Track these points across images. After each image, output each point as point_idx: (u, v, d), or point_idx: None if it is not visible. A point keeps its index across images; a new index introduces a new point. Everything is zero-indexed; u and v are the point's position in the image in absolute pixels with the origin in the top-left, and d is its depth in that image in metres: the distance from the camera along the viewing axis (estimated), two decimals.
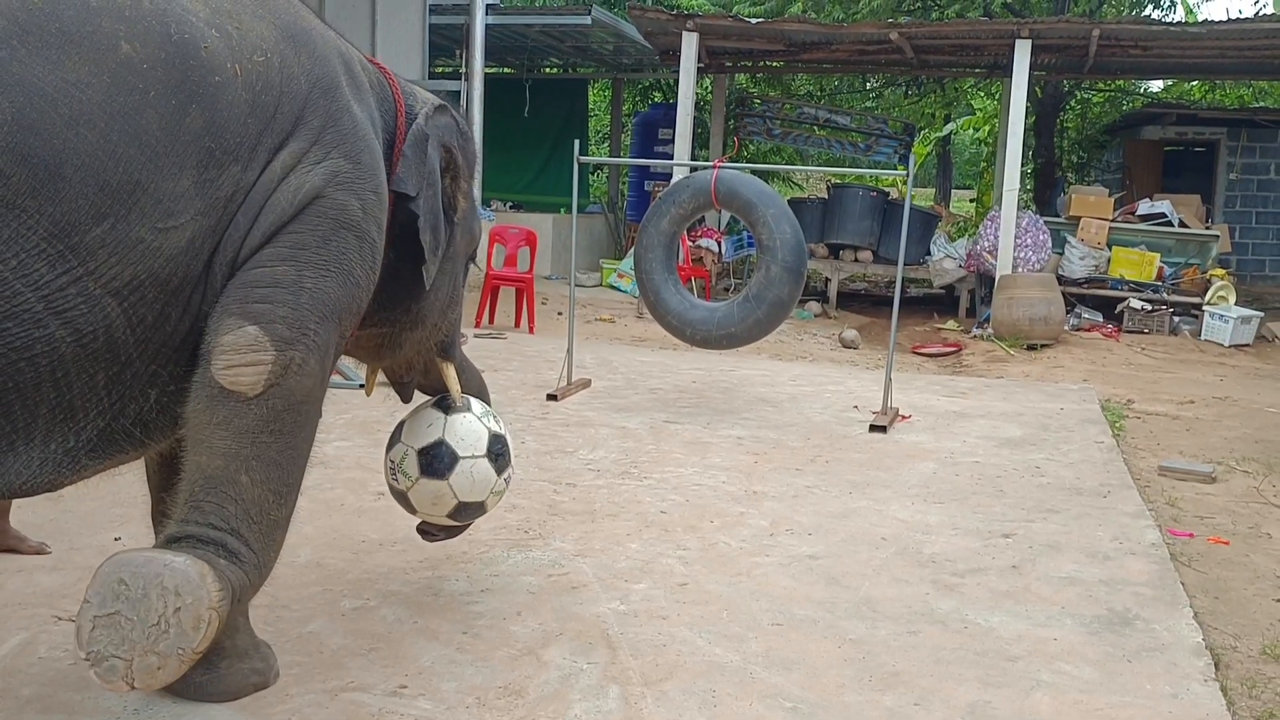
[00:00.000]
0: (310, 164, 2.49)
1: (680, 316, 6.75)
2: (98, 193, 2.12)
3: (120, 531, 4.01)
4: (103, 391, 2.27)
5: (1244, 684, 3.26)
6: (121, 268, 2.18)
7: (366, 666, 3.05)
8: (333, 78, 2.61)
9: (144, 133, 2.19)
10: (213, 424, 2.37)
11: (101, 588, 2.20)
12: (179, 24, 2.29)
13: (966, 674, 3.20)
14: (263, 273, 2.41)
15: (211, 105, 2.30)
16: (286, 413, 2.44)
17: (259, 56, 2.42)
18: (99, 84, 2.14)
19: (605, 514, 4.53)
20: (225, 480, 2.38)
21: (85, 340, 2.17)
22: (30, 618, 3.25)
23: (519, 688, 2.97)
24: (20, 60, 2.06)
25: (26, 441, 2.19)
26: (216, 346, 2.36)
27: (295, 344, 2.43)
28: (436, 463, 3.26)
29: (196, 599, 2.20)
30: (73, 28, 2.13)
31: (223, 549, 2.35)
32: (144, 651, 2.19)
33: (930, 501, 4.93)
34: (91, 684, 2.80)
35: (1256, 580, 4.24)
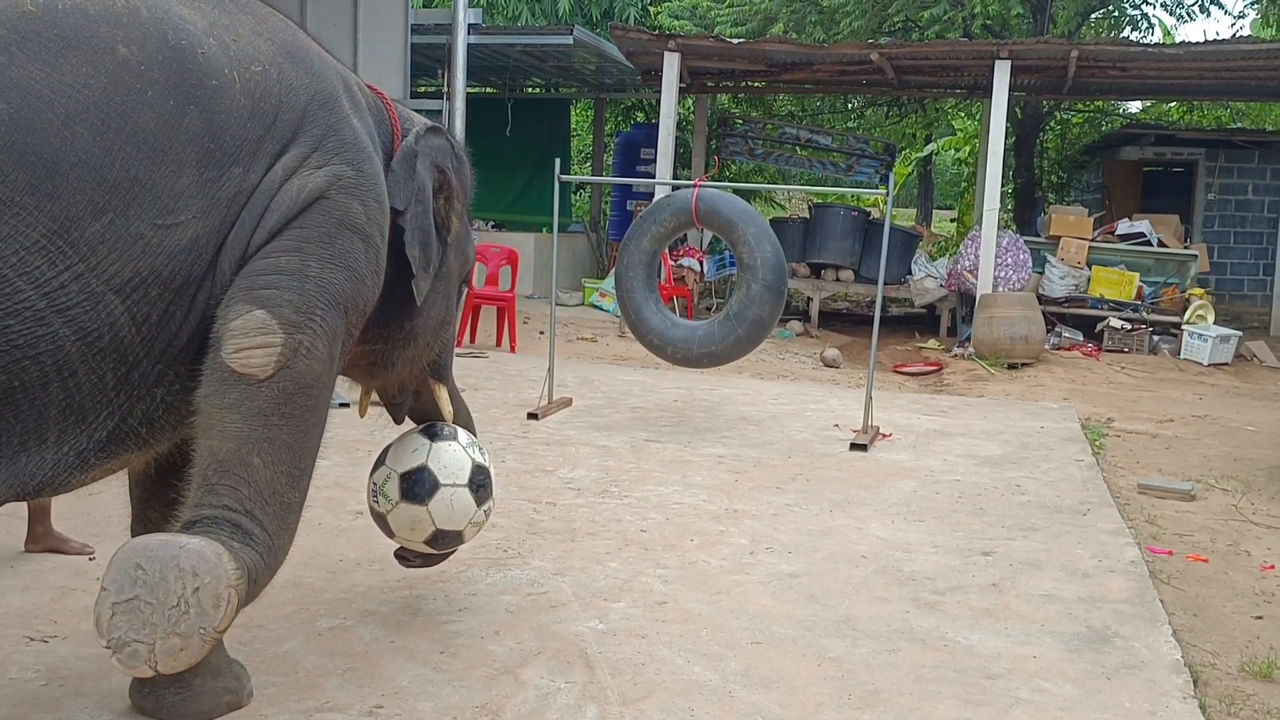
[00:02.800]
0: (312, 168, 2.53)
1: (661, 335, 6.75)
2: (95, 188, 2.14)
3: (95, 550, 3.97)
4: (112, 392, 2.27)
5: (1222, 701, 3.26)
6: (123, 264, 2.19)
7: (342, 686, 3.02)
8: (331, 92, 2.65)
9: (141, 131, 2.21)
10: (224, 407, 2.38)
11: (118, 574, 2.21)
12: (176, 31, 2.33)
13: (946, 692, 3.19)
14: (268, 262, 2.44)
15: (209, 107, 2.33)
16: (297, 395, 2.46)
17: (256, 67, 2.46)
18: (96, 84, 2.17)
19: (585, 533, 4.51)
20: (238, 462, 2.38)
21: (90, 339, 2.17)
22: (1, 638, 3.22)
23: (496, 707, 2.95)
24: (18, 64, 2.09)
25: (39, 442, 2.19)
26: (226, 331, 2.38)
27: (303, 328, 2.45)
28: (418, 488, 3.26)
29: (214, 578, 2.21)
30: (70, 33, 2.17)
31: (237, 530, 2.35)
32: (166, 634, 2.20)
33: (910, 520, 4.93)
34: (64, 704, 2.80)
35: (1235, 597, 4.24)
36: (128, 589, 2.19)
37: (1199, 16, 18.44)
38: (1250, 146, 15.72)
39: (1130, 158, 16.23)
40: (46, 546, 3.89)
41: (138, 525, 2.90)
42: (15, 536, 3.93)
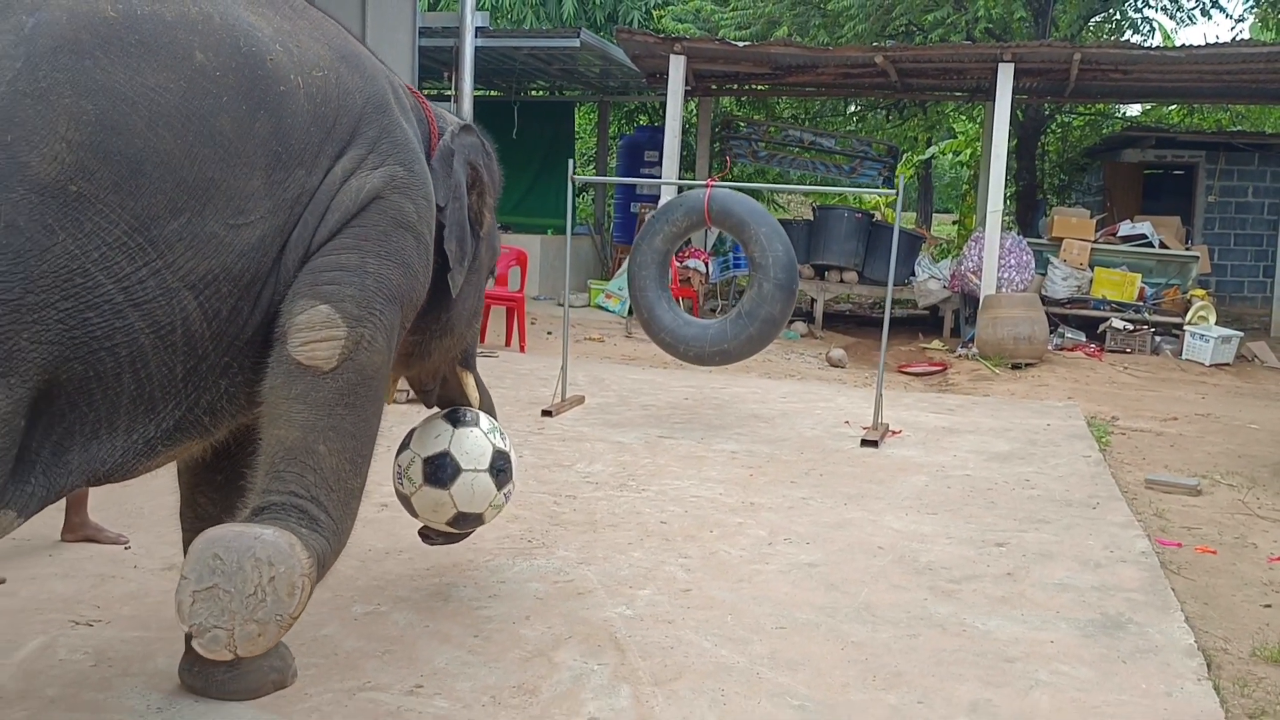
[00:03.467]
0: (368, 169, 2.62)
1: (674, 333, 6.83)
2: (175, 189, 2.22)
3: (129, 540, 4.05)
4: (180, 383, 2.35)
5: (1235, 683, 3.35)
6: (197, 261, 2.27)
7: (381, 668, 3.11)
8: (383, 96, 2.74)
9: (217, 134, 2.29)
10: (290, 398, 2.46)
11: (197, 564, 2.28)
12: (247, 38, 2.41)
13: (967, 674, 3.28)
14: (330, 260, 2.53)
15: (278, 112, 2.42)
16: (359, 386, 2.55)
17: (318, 72, 2.54)
18: (176, 89, 2.25)
19: (606, 524, 4.60)
20: (304, 450, 2.47)
21: (163, 332, 2.25)
22: (47, 622, 3.30)
23: (532, 687, 3.04)
24: (103, 68, 2.17)
25: (110, 430, 2.27)
26: (292, 326, 2.46)
27: (364, 321, 2.54)
28: (440, 472, 3.36)
29: (289, 567, 2.28)
30: (150, 38, 2.25)
31: (304, 515, 2.43)
32: (244, 620, 2.27)
33: (924, 512, 5.02)
34: (114, 684, 2.88)
35: (1244, 587, 4.33)
36: (207, 578, 2.27)
37: (1199, 20, 18.55)
38: (1250, 149, 15.81)
39: (1131, 160, 16.32)
40: (83, 536, 3.98)
41: (187, 509, 2.98)
42: (52, 526, 4.01)
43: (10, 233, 2.02)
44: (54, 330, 2.10)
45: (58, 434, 2.22)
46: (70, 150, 2.10)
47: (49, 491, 2.24)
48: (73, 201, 2.10)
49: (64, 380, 2.16)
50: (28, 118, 2.07)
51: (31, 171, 2.06)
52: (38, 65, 2.12)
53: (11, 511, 2.18)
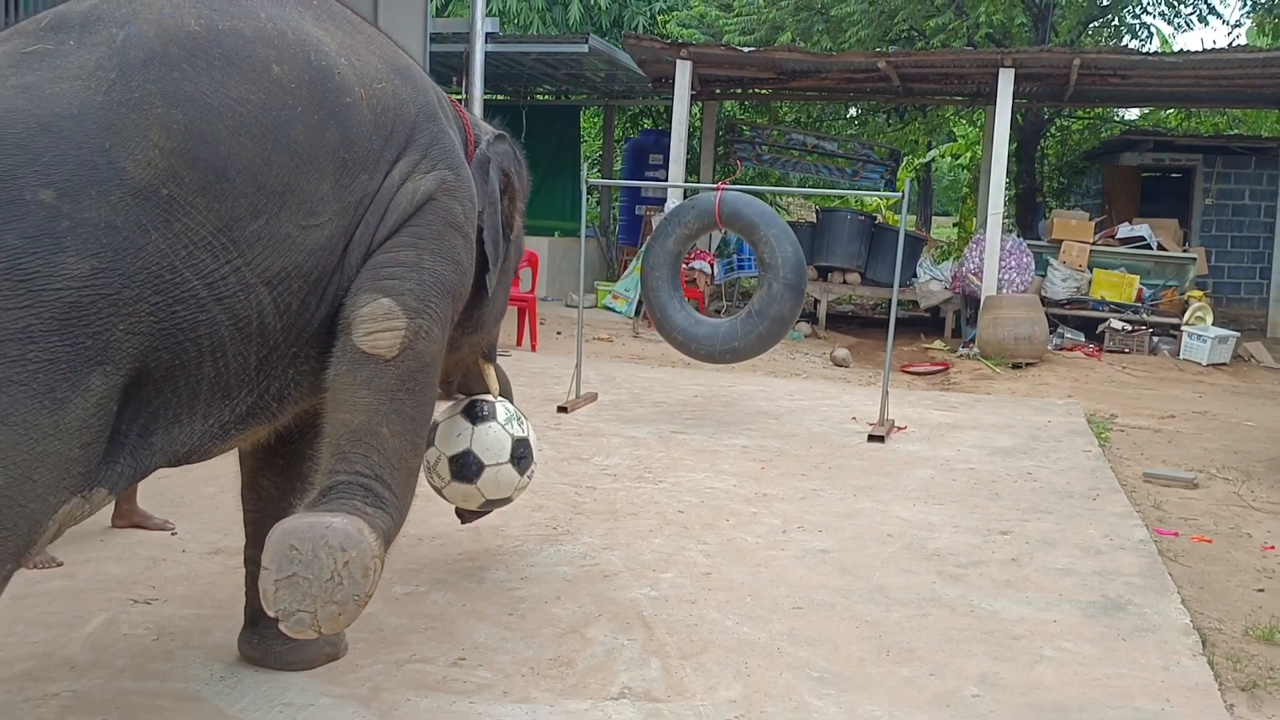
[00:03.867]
0: (422, 173, 2.81)
1: (685, 332, 7.03)
2: (255, 193, 2.41)
3: (175, 526, 4.26)
4: (253, 371, 2.54)
5: (1229, 660, 3.55)
6: (273, 260, 2.46)
7: (426, 642, 3.31)
8: (432, 105, 2.94)
9: (293, 142, 2.48)
10: (355, 384, 2.65)
11: (276, 555, 2.45)
12: (316, 52, 2.60)
13: (976, 650, 3.47)
14: (389, 256, 2.72)
15: (345, 121, 2.61)
16: (418, 373, 2.74)
17: (378, 84, 2.73)
18: (256, 100, 2.43)
19: (626, 513, 4.79)
20: (368, 432, 2.65)
21: (241, 324, 2.44)
22: (108, 600, 3.50)
23: (567, 660, 3.24)
24: (190, 80, 2.35)
25: (190, 415, 2.45)
26: (356, 318, 2.65)
27: (422, 313, 2.73)
28: (465, 470, 3.64)
29: (361, 551, 2.46)
30: (231, 52, 2.44)
31: (369, 494, 2.61)
32: (324, 603, 2.44)
33: (930, 503, 5.22)
34: (177, 655, 3.08)
35: (1238, 573, 4.53)
36: (286, 567, 2.44)
37: (1196, 26, 18.75)
38: (1247, 153, 16.01)
39: (1129, 163, 16.52)
40: (131, 522, 4.17)
41: (249, 491, 3.17)
42: (103, 513, 4.20)
43: (110, 232, 2.21)
44: (145, 322, 2.29)
45: (144, 418, 2.41)
46: (162, 156, 2.29)
47: (135, 471, 2.43)
48: (164, 204, 2.29)
49: (152, 368, 2.35)
50: (124, 126, 2.26)
51: (128, 176, 2.25)
52: (130, 76, 2.31)
53: (103, 489, 2.37)
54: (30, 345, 2.12)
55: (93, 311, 2.18)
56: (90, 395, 2.21)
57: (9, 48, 2.35)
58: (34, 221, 2.13)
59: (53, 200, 2.16)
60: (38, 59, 2.31)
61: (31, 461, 2.15)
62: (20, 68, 2.29)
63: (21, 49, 2.34)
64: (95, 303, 2.19)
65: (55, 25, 2.39)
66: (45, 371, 2.14)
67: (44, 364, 2.14)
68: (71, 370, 2.17)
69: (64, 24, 2.39)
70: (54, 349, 2.15)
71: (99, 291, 2.19)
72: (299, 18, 2.67)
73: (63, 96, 2.25)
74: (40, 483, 2.18)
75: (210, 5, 2.51)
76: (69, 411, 2.18)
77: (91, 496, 2.35)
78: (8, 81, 2.26)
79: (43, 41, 2.35)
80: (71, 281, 2.16)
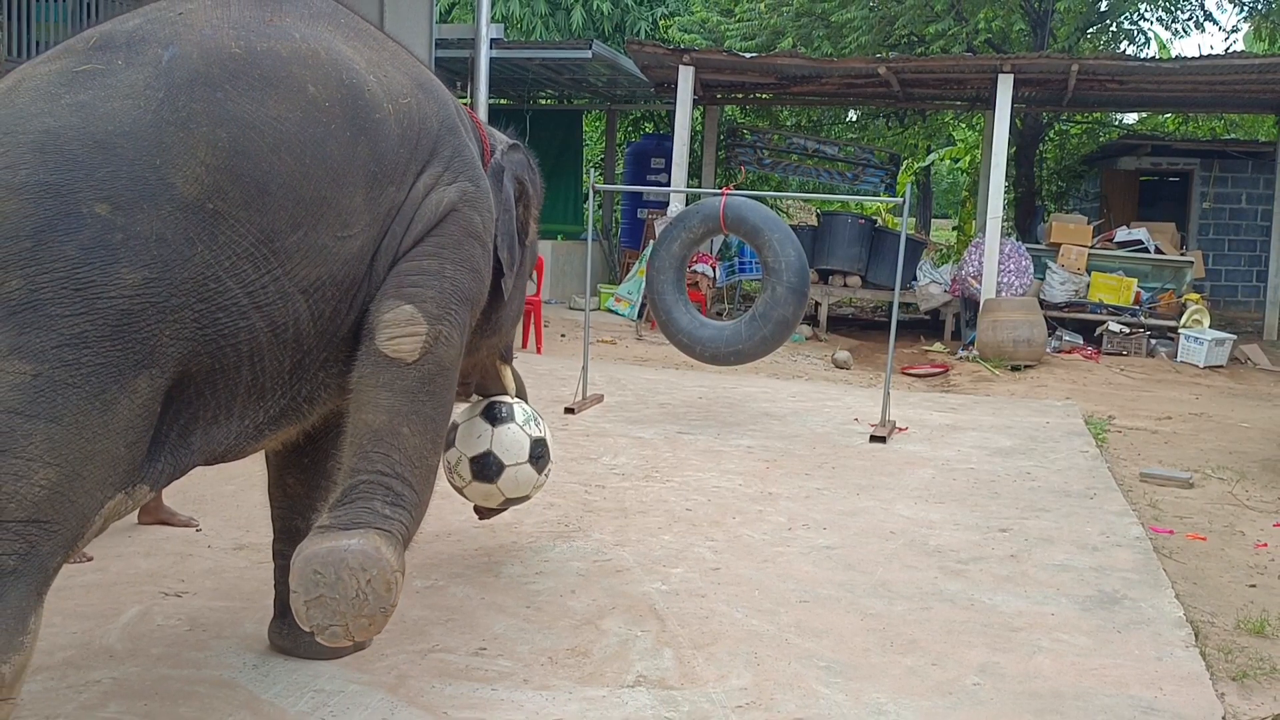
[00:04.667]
0: (444, 184, 2.94)
1: (691, 334, 7.16)
2: (294, 206, 2.54)
3: (199, 523, 4.39)
4: (287, 375, 2.67)
5: (1221, 651, 3.68)
6: (310, 269, 2.59)
7: (447, 633, 3.44)
8: (453, 119, 3.07)
9: (328, 158, 2.61)
10: (377, 386, 2.78)
11: (302, 579, 2.59)
12: (348, 71, 2.73)
13: (976, 641, 3.60)
14: (413, 265, 2.85)
15: (374, 137, 2.74)
16: (438, 376, 2.87)
17: (404, 99, 2.86)
18: (293, 118, 2.56)
19: (636, 511, 4.92)
20: (389, 432, 2.78)
21: (278, 331, 2.56)
22: (140, 593, 3.63)
23: (584, 650, 3.37)
24: (233, 99, 2.48)
25: (228, 416, 2.58)
26: (380, 323, 2.78)
27: (442, 319, 2.86)
28: (486, 470, 3.79)
29: (380, 569, 2.60)
30: (269, 72, 2.57)
31: (390, 492, 2.74)
32: (354, 617, 2.59)
33: (931, 502, 5.35)
34: (210, 645, 3.21)
35: (1231, 570, 4.66)
36: (313, 590, 2.59)
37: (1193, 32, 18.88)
38: (1243, 157, 16.15)
39: (1127, 167, 16.66)
40: (157, 519, 4.31)
41: (275, 489, 3.30)
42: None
43: (160, 244, 2.34)
44: (190, 328, 2.41)
45: (184, 418, 2.53)
46: (208, 172, 2.42)
47: (175, 469, 2.56)
48: (210, 217, 2.42)
49: (194, 372, 2.48)
50: (173, 143, 2.39)
51: (177, 191, 2.38)
52: (177, 96, 2.44)
53: (146, 486, 2.50)
54: (85, 350, 2.25)
55: (143, 319, 2.31)
56: (137, 397, 2.34)
57: (59, 66, 2.48)
58: (91, 234, 2.26)
59: (108, 214, 2.29)
60: (89, 78, 2.43)
61: (82, 459, 2.27)
62: (73, 86, 2.41)
63: (73, 68, 2.46)
64: (145, 310, 2.31)
65: (102, 45, 2.51)
66: (97, 375, 2.27)
67: (96, 367, 2.26)
68: (121, 373, 2.30)
69: (110, 44, 2.51)
70: (106, 353, 2.27)
71: (149, 300, 2.32)
72: (330, 37, 2.80)
73: (115, 115, 2.38)
74: (89, 479, 2.30)
75: (248, 27, 2.64)
76: (117, 412, 2.31)
77: (135, 492, 2.48)
78: (61, 100, 2.38)
79: (92, 61, 2.47)
80: (124, 290, 2.28)
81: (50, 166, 2.28)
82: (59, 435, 2.23)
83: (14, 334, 2.21)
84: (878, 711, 3.06)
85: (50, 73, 2.45)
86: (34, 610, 2.27)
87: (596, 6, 18.21)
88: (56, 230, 2.24)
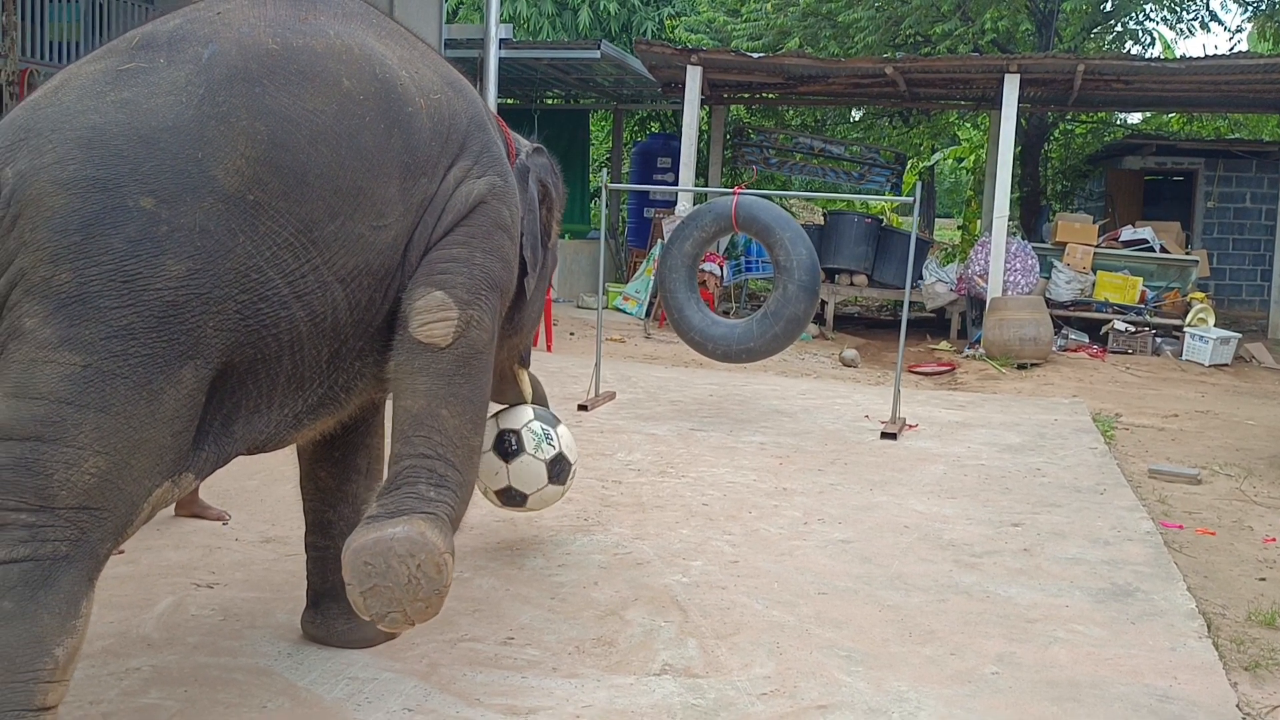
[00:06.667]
0: (474, 177, 3.01)
1: (703, 333, 7.23)
2: (332, 197, 2.61)
3: (230, 516, 4.46)
4: (325, 364, 2.73)
5: (1233, 642, 3.75)
6: (347, 259, 2.66)
7: (475, 623, 3.51)
8: (482, 116, 3.15)
9: (363, 149, 2.68)
10: (414, 372, 2.85)
11: (354, 571, 2.67)
12: (381, 66, 2.80)
13: (993, 632, 3.67)
14: (444, 253, 2.92)
15: (407, 129, 2.81)
16: (472, 359, 2.94)
17: (434, 95, 2.93)
18: (329, 111, 2.63)
19: (653, 506, 4.99)
20: (429, 415, 2.85)
21: (317, 320, 2.63)
22: (172, 585, 3.70)
23: (610, 639, 3.44)
24: (270, 94, 2.55)
25: (268, 406, 2.65)
26: (412, 310, 2.85)
27: (473, 304, 2.93)
28: (512, 499, 4.00)
29: (428, 553, 2.67)
30: (305, 67, 2.64)
31: (434, 474, 2.81)
32: (410, 601, 2.67)
33: (944, 497, 5.41)
34: (244, 635, 3.28)
35: (1241, 564, 4.72)
36: (366, 580, 2.66)
37: (1198, 32, 18.95)
38: (1248, 156, 16.21)
39: (1132, 167, 16.71)
40: (190, 512, 4.38)
41: (307, 482, 3.36)
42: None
43: (203, 236, 2.41)
44: (233, 319, 2.48)
45: (227, 408, 2.60)
46: (248, 164, 2.49)
47: (218, 458, 2.63)
48: (250, 209, 2.49)
49: (236, 362, 2.55)
50: (214, 137, 2.46)
51: (218, 184, 2.44)
52: (217, 91, 2.51)
53: (190, 474, 2.57)
54: (132, 341, 2.32)
55: (187, 310, 2.38)
56: (182, 387, 2.41)
57: (104, 65, 2.55)
58: (137, 226, 2.33)
59: (153, 207, 2.36)
60: (132, 76, 2.50)
61: (131, 448, 2.34)
62: (119, 84, 2.48)
63: (117, 67, 2.53)
64: (190, 301, 2.38)
65: (144, 45, 2.58)
66: (144, 365, 2.34)
67: (143, 358, 2.33)
68: (167, 364, 2.37)
69: (152, 43, 2.58)
70: (152, 344, 2.34)
71: (193, 291, 2.38)
72: (363, 34, 2.87)
73: (158, 110, 2.44)
74: (137, 467, 2.37)
75: (284, 24, 2.71)
76: (164, 402, 2.38)
77: (180, 481, 2.55)
78: (107, 97, 2.45)
79: (136, 60, 2.54)
80: (170, 282, 2.35)
81: (97, 161, 2.34)
82: (108, 425, 2.30)
83: (65, 326, 2.28)
84: (899, 699, 3.13)
85: (95, 72, 2.52)
86: (85, 595, 2.35)
87: (603, 6, 18.29)
88: (104, 224, 2.31)
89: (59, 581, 2.29)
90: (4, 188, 2.32)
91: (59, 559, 2.29)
